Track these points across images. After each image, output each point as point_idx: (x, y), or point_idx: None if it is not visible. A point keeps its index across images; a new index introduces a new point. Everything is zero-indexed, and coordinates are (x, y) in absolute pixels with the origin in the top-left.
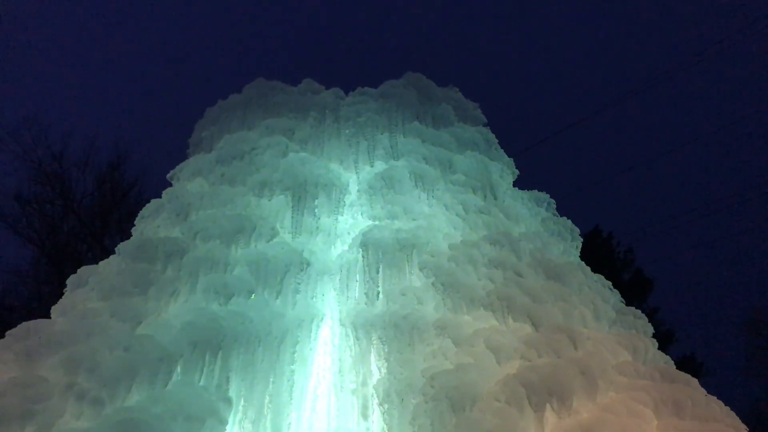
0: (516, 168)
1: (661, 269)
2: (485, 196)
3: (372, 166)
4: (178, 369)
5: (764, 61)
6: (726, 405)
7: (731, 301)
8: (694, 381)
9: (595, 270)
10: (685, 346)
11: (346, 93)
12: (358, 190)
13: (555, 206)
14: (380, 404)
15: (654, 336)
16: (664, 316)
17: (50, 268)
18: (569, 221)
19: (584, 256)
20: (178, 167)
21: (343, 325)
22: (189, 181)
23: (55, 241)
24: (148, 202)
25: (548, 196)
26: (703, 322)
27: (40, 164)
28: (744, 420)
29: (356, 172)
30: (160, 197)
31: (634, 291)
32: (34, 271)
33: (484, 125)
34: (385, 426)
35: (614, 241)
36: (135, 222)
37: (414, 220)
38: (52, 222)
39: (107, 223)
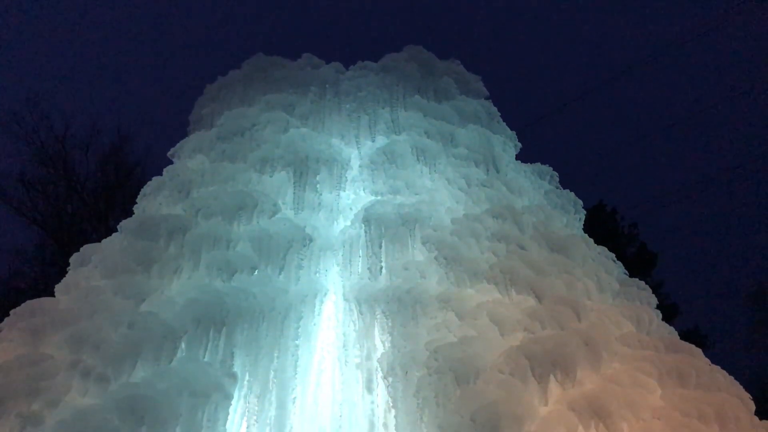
0: (518, 142)
1: (665, 243)
2: (488, 170)
3: (373, 141)
4: (183, 345)
5: None
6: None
7: (735, 275)
8: (698, 351)
9: (599, 244)
10: (689, 319)
11: (347, 67)
12: (360, 166)
13: (558, 179)
14: (384, 377)
15: (658, 308)
16: (668, 290)
17: (56, 249)
18: (572, 194)
19: (588, 230)
20: (178, 144)
21: (346, 300)
22: (190, 159)
23: (60, 223)
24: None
25: (551, 169)
26: (706, 296)
27: (43, 146)
28: (747, 391)
29: (357, 147)
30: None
31: (638, 265)
32: (39, 252)
33: (486, 98)
34: (389, 399)
35: (618, 216)
36: (137, 200)
37: (416, 194)
38: (56, 203)
39: (111, 203)
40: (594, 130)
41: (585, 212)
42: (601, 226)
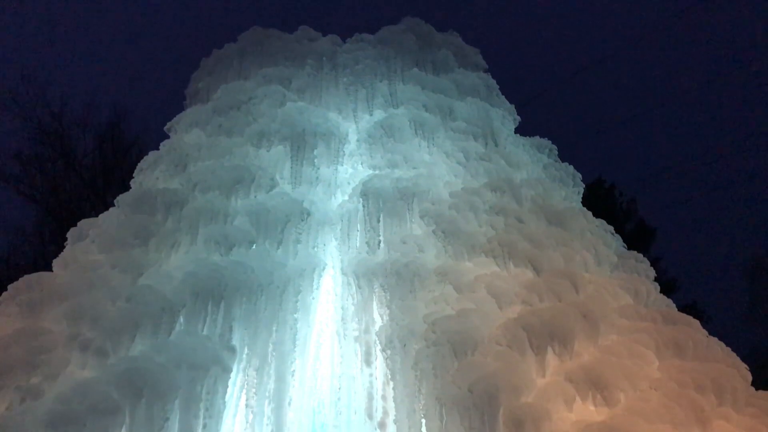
0: (517, 115)
1: (664, 219)
2: (486, 143)
3: (371, 115)
4: (181, 319)
5: None
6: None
7: (733, 249)
8: (696, 323)
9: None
10: (687, 294)
11: (344, 40)
12: (358, 140)
13: (557, 152)
14: (383, 350)
15: (656, 281)
16: (666, 266)
17: (54, 227)
18: (571, 167)
19: (586, 206)
20: (175, 119)
21: (345, 274)
22: (186, 133)
23: (58, 201)
24: None
25: (550, 142)
26: (705, 271)
27: (40, 123)
28: None
29: (355, 121)
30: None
31: (636, 241)
32: (38, 230)
33: (485, 71)
34: (387, 371)
35: (617, 192)
36: (134, 174)
37: (414, 168)
38: (54, 181)
39: (109, 181)
40: (593, 106)
41: (584, 185)
42: (599, 202)
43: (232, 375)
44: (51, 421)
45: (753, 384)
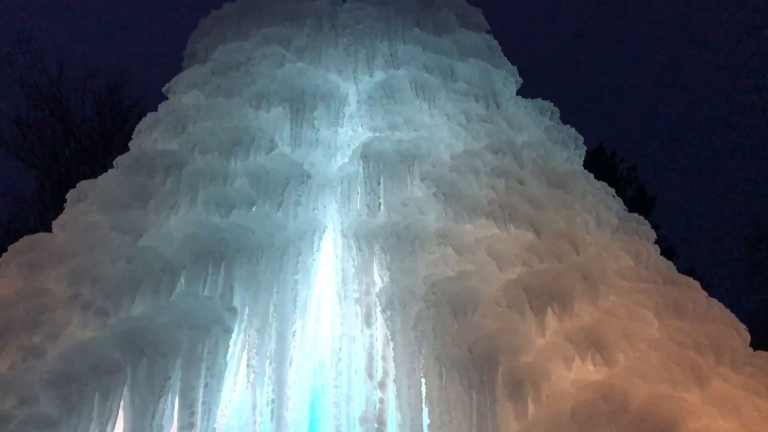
0: (519, 77)
1: (664, 186)
2: (488, 105)
3: (371, 76)
4: (182, 280)
5: None
6: None
7: (733, 218)
8: (696, 284)
9: None
10: (687, 262)
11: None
12: (358, 101)
13: (559, 115)
14: (383, 312)
15: (656, 244)
16: (665, 233)
17: (54, 193)
18: (573, 129)
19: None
20: (173, 80)
21: (345, 236)
22: (185, 94)
23: (58, 167)
24: None
25: (552, 104)
26: (704, 239)
27: (38, 88)
28: None
29: (355, 83)
30: None
31: (636, 208)
32: (38, 196)
33: (487, 32)
34: (388, 332)
35: (617, 159)
36: (132, 136)
37: (415, 130)
38: (53, 147)
39: (109, 148)
40: (595, 72)
41: (585, 148)
42: (600, 169)
43: (233, 335)
44: (54, 380)
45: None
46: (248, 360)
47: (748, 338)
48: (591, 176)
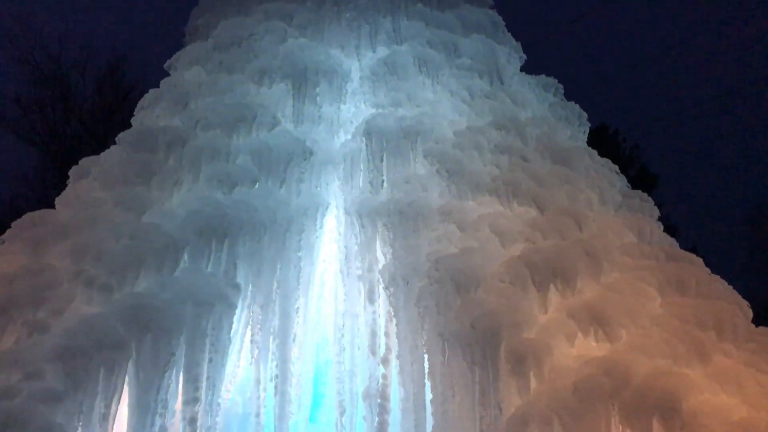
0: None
1: (666, 166)
2: (492, 81)
3: (374, 52)
4: (185, 257)
5: None
6: None
7: (735, 197)
8: (699, 260)
9: None
10: (688, 241)
11: None
12: (361, 77)
13: (563, 91)
14: (386, 288)
15: (659, 221)
16: (667, 212)
17: (56, 172)
18: (577, 106)
19: None
20: (174, 56)
21: (348, 213)
22: (186, 70)
23: (59, 146)
24: None
25: (556, 81)
26: (706, 218)
27: (38, 66)
28: None
29: (358, 59)
30: None
31: (638, 188)
32: (40, 175)
33: (491, 7)
34: (390, 308)
35: (620, 137)
36: (134, 112)
37: (418, 106)
38: (54, 126)
39: (110, 126)
40: (598, 51)
41: (589, 125)
42: (603, 148)
43: (237, 311)
44: (59, 355)
45: None
46: (252, 336)
47: (751, 314)
48: (595, 153)
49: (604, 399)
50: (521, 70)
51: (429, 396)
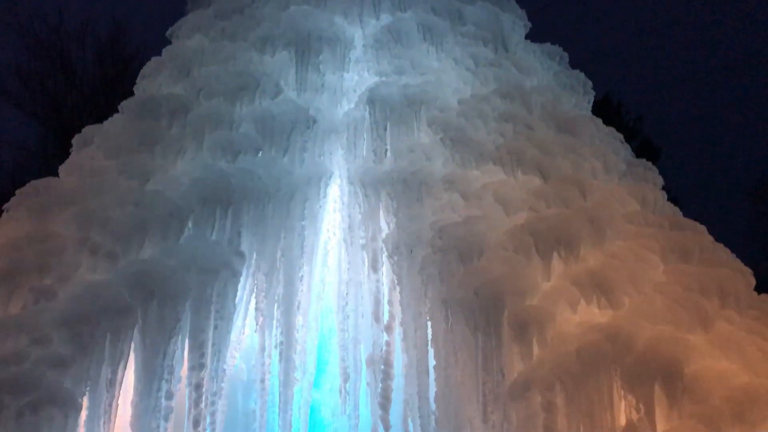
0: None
1: (669, 138)
2: (496, 49)
3: (377, 19)
4: (190, 225)
5: None
6: None
7: (737, 169)
8: (702, 228)
9: None
10: (690, 213)
11: None
12: (364, 45)
13: (568, 60)
14: (389, 257)
15: (663, 189)
16: (669, 185)
17: (57, 144)
18: (582, 74)
19: None
20: (176, 24)
21: (351, 183)
22: (188, 38)
23: (60, 117)
24: None
25: (561, 49)
26: (708, 190)
27: (37, 37)
28: None
29: (361, 26)
30: None
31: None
32: (41, 147)
33: None
34: (394, 277)
35: (623, 110)
36: (137, 81)
37: (422, 74)
38: (55, 98)
39: (111, 98)
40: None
41: (594, 93)
42: (606, 120)
43: (242, 279)
44: (66, 320)
45: None
46: (256, 303)
47: (753, 282)
48: (599, 121)
49: (607, 365)
50: (526, 39)
51: (432, 362)
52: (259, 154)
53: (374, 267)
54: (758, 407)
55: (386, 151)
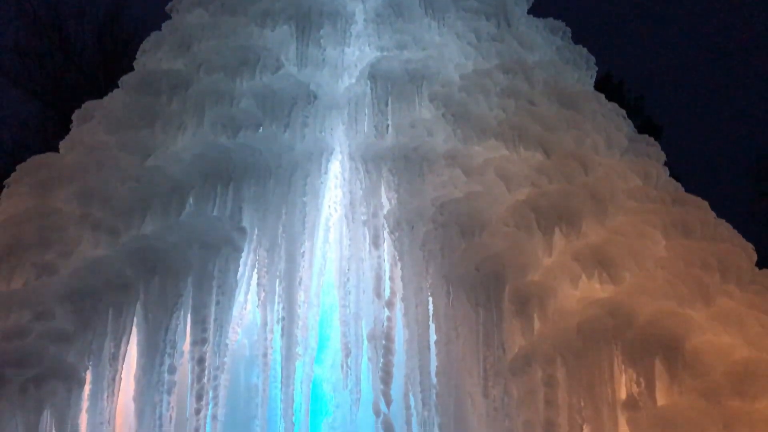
0: None
1: (670, 117)
2: (499, 24)
3: None
4: (191, 200)
5: None
6: None
7: (738, 148)
8: (704, 204)
9: None
10: (691, 192)
11: None
12: (365, 20)
13: (570, 35)
14: (390, 233)
15: (666, 165)
16: (670, 163)
17: (57, 122)
18: (584, 50)
19: None
20: None
21: (352, 159)
22: (189, 13)
23: (60, 96)
24: None
25: (564, 24)
26: (709, 169)
27: (36, 14)
28: None
29: (362, 0)
30: None
31: None
32: (41, 125)
33: None
34: (395, 253)
35: (625, 88)
36: (137, 56)
37: (424, 49)
38: (54, 75)
39: (111, 76)
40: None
41: (597, 69)
42: (608, 98)
43: (243, 255)
44: (68, 295)
45: None
46: (258, 279)
47: (755, 257)
48: (602, 97)
49: (607, 339)
50: (528, 13)
51: (433, 338)
52: (260, 130)
53: (375, 243)
54: (759, 381)
55: (387, 126)
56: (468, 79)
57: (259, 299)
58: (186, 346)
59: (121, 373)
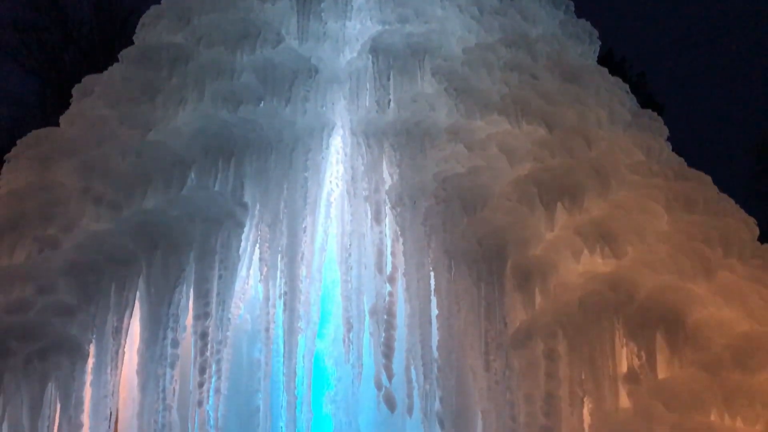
0: None
1: (672, 95)
2: None
3: None
4: (192, 175)
5: None
6: None
7: (740, 127)
8: (708, 179)
9: None
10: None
11: None
12: None
13: (573, 8)
14: (392, 208)
15: (668, 141)
16: (672, 142)
17: (56, 99)
18: (588, 23)
19: None
20: None
21: (354, 134)
22: None
23: (59, 73)
24: None
25: None
26: (711, 146)
27: None
28: None
29: None
30: None
31: None
32: (40, 103)
33: None
34: (397, 228)
35: (626, 65)
36: (136, 30)
37: (426, 23)
38: (53, 52)
39: (110, 53)
40: None
41: (600, 43)
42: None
43: (245, 230)
44: (71, 269)
45: None
46: (260, 254)
47: (757, 232)
48: (605, 71)
49: (609, 313)
50: None
51: (434, 312)
52: (261, 104)
53: (377, 218)
54: (759, 355)
55: (389, 101)
56: (470, 53)
57: (261, 274)
58: (189, 320)
59: (124, 347)
